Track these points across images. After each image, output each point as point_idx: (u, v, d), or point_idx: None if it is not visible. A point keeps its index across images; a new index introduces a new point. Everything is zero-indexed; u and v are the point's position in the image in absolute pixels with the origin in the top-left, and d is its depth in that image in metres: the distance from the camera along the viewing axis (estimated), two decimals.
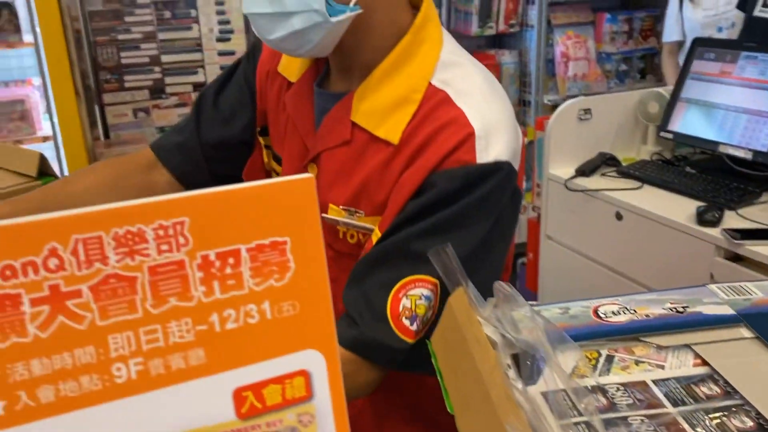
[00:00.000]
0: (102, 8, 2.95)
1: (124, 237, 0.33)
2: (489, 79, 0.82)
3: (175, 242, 0.34)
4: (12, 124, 2.71)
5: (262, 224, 0.35)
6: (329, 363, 0.38)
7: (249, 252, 0.35)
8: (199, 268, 0.34)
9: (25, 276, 0.31)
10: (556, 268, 2.10)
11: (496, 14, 3.06)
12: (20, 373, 0.31)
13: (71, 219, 0.32)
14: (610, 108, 2.06)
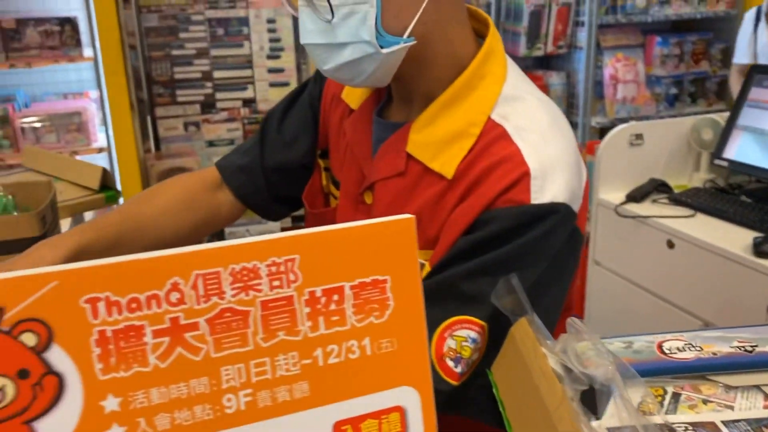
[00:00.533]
0: (158, 24, 3.06)
1: (240, 273, 0.34)
2: (552, 115, 0.79)
3: (286, 278, 0.35)
4: (69, 135, 2.82)
5: (364, 263, 0.36)
6: (423, 400, 0.38)
7: (352, 289, 0.36)
8: (307, 303, 0.36)
9: (149, 308, 0.33)
10: (604, 295, 2.06)
11: (544, 36, 3.05)
12: (140, 401, 0.33)
13: (193, 255, 0.33)
14: (662, 133, 2.03)
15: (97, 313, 0.32)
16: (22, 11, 2.88)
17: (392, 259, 0.37)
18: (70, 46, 2.77)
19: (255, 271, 0.34)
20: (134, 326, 0.32)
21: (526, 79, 0.83)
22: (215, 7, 3.09)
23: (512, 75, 0.81)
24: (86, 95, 3.03)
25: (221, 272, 0.34)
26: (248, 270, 0.34)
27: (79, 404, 0.32)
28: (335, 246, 0.36)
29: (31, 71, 2.90)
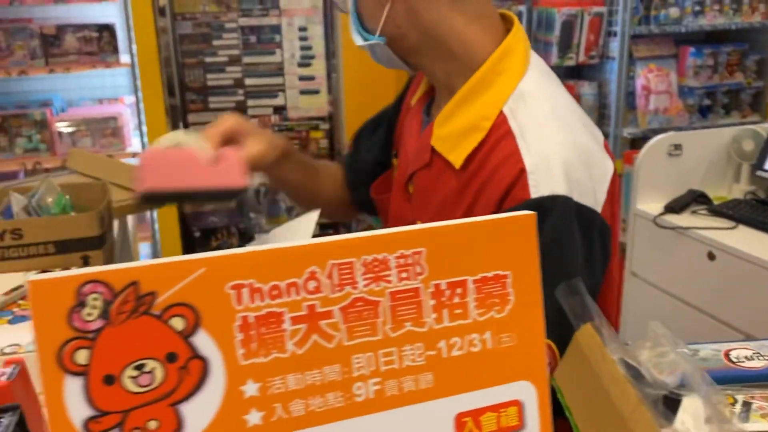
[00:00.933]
0: (192, 32, 3.11)
1: (372, 263, 0.35)
2: (561, 107, 0.82)
3: (413, 270, 0.36)
4: (104, 140, 2.86)
5: (487, 257, 0.37)
6: (540, 394, 0.39)
7: (475, 283, 0.37)
8: (432, 296, 0.36)
9: (288, 296, 0.34)
10: (641, 306, 2.04)
11: (576, 45, 3.05)
12: (277, 386, 0.34)
13: (329, 245, 0.34)
14: (702, 144, 2.01)
15: (241, 300, 0.33)
16: (62, 18, 2.94)
17: (513, 255, 0.37)
18: (108, 52, 2.82)
19: (385, 262, 0.35)
20: (275, 313, 0.33)
21: (549, 79, 0.85)
22: (248, 15, 3.14)
23: (533, 73, 0.82)
24: (121, 101, 3.08)
25: (354, 262, 0.34)
26: (379, 261, 0.35)
27: (221, 388, 0.32)
28: (459, 240, 0.36)
29: (68, 76, 2.96)
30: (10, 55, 2.71)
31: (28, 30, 2.73)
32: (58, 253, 1.09)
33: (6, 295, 0.98)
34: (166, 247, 2.92)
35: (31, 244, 1.08)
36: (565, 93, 0.86)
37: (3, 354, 0.83)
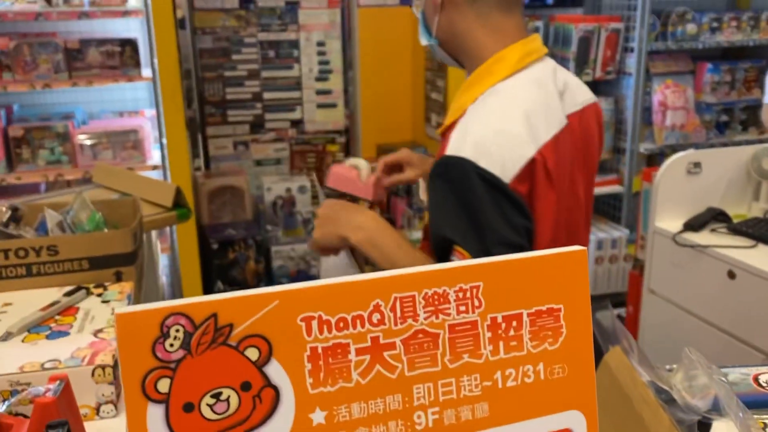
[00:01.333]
0: (212, 46, 3.16)
1: (432, 297, 0.36)
2: (515, 105, 1.01)
3: (471, 304, 0.37)
4: (125, 153, 2.91)
5: (540, 291, 0.38)
6: (589, 423, 0.40)
7: (529, 317, 0.38)
8: (488, 328, 0.38)
9: (353, 328, 0.35)
10: (660, 324, 2.04)
11: (593, 61, 3.06)
12: (343, 414, 0.35)
13: (392, 279, 0.36)
14: (721, 162, 2.01)
15: (311, 331, 0.34)
16: (85, 33, 3.00)
17: (565, 289, 0.39)
18: (130, 66, 2.87)
19: (445, 296, 0.36)
20: (341, 344, 0.35)
21: (529, 84, 1.03)
22: (267, 30, 3.18)
23: (516, 78, 1.03)
24: (142, 113, 3.13)
25: (416, 296, 0.36)
26: (439, 295, 0.36)
27: (291, 416, 0.34)
28: (515, 274, 0.38)
29: (90, 89, 3.01)
30: (35, 69, 2.77)
31: (52, 44, 2.78)
32: (92, 269, 1.12)
33: (43, 311, 1.00)
34: (184, 259, 2.95)
35: (66, 260, 1.10)
36: (537, 97, 1.02)
37: (43, 369, 0.85)
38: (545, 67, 1.06)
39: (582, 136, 1.09)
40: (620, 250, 3.08)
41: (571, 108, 1.07)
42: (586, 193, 1.13)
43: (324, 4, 3.19)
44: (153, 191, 1.61)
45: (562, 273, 0.39)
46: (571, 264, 0.39)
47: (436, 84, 3.12)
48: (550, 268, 0.39)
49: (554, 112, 1.02)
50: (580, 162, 1.09)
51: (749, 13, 3.09)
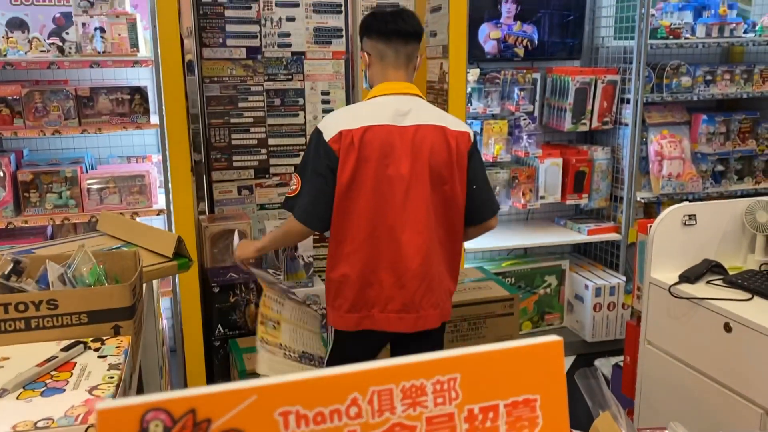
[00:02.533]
0: (219, 94, 3.24)
1: (410, 389, 0.38)
2: (350, 110, 2.02)
3: (449, 396, 0.39)
4: (131, 197, 2.95)
5: (517, 382, 0.40)
6: None
7: (506, 407, 0.40)
8: (465, 420, 0.39)
9: (331, 422, 0.37)
10: (657, 376, 2.03)
11: (590, 111, 3.13)
12: None
13: (371, 373, 0.38)
14: (716, 214, 2.04)
15: (288, 425, 0.36)
16: (96, 80, 3.09)
17: (542, 379, 0.41)
18: (139, 113, 2.94)
19: (422, 388, 0.38)
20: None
21: (365, 103, 1.92)
22: (273, 80, 3.27)
23: (361, 102, 2.03)
24: (149, 158, 3.19)
25: (393, 389, 0.38)
26: (416, 387, 0.38)
27: None
28: (492, 365, 0.40)
29: (99, 135, 3.08)
30: (45, 115, 2.84)
31: (63, 91, 2.86)
32: (90, 322, 1.14)
33: (39, 367, 1.02)
34: (185, 302, 2.96)
35: (65, 314, 1.13)
36: (363, 109, 1.88)
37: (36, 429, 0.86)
38: (396, 98, 1.84)
39: (413, 137, 1.79)
40: (618, 298, 3.08)
41: (410, 122, 1.79)
42: (412, 171, 1.77)
43: (329, 56, 3.28)
44: (155, 241, 1.64)
45: (538, 363, 0.41)
46: (547, 354, 0.41)
47: None
48: (527, 359, 0.41)
49: (375, 116, 1.79)
50: (408, 150, 1.78)
51: (742, 67, 3.17)
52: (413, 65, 1.91)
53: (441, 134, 1.79)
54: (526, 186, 3.21)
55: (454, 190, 1.81)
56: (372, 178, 1.75)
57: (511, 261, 3.36)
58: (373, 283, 1.79)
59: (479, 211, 1.90)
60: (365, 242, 1.78)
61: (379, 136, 1.75)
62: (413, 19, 1.91)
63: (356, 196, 1.76)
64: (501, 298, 2.67)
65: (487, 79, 3.15)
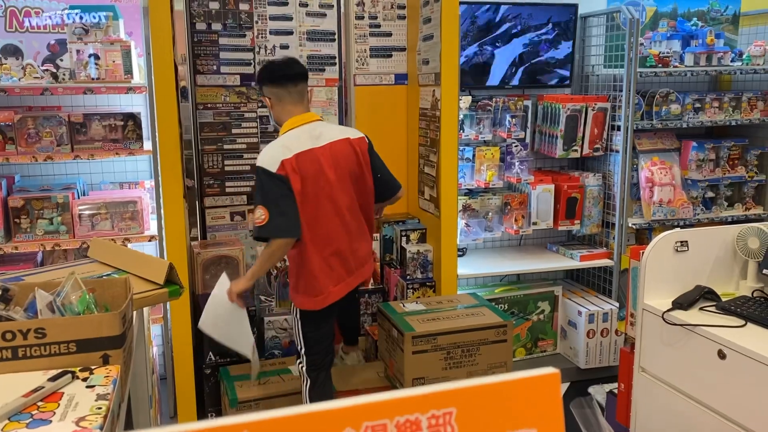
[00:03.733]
0: (212, 120, 3.25)
1: (404, 425, 0.38)
2: (279, 143, 2.33)
3: (444, 431, 0.38)
4: (123, 223, 2.94)
5: (514, 415, 0.40)
6: None
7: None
8: None
9: None
10: (651, 403, 2.02)
11: (581, 138, 3.16)
12: None
13: (364, 407, 0.37)
14: (708, 241, 2.05)
15: None
16: (89, 107, 3.09)
17: (539, 412, 0.40)
18: (132, 140, 2.94)
19: (417, 423, 0.38)
20: None
21: (287, 136, 2.36)
22: (266, 106, 3.29)
23: (286, 133, 2.38)
24: (141, 185, 3.18)
25: (388, 424, 0.37)
26: (411, 422, 0.38)
27: None
28: (488, 399, 0.39)
29: (91, 161, 3.08)
30: (38, 141, 2.84)
31: (56, 118, 2.86)
32: (79, 351, 1.12)
33: (25, 397, 1.00)
34: (176, 329, 2.93)
35: (54, 343, 1.11)
36: (288, 139, 2.33)
37: None
38: (307, 127, 2.37)
39: (330, 152, 2.34)
40: (611, 324, 3.07)
41: (325, 142, 2.34)
42: (337, 176, 2.35)
43: (322, 83, 3.31)
44: (146, 267, 1.63)
45: (535, 396, 0.40)
46: (544, 387, 0.41)
47: (429, 159, 3.20)
48: (523, 392, 0.40)
49: (300, 145, 2.29)
50: (330, 163, 2.33)
51: (730, 94, 3.22)
52: (306, 98, 2.48)
53: (348, 144, 2.42)
54: (519, 212, 3.22)
55: (366, 181, 2.47)
56: (313, 189, 2.30)
57: (504, 287, 3.36)
58: (329, 265, 2.37)
59: (387, 190, 2.61)
60: (319, 238, 2.33)
61: (309, 158, 2.30)
62: (297, 65, 2.51)
63: (306, 205, 2.28)
64: (494, 325, 2.66)
65: (479, 107, 3.18)
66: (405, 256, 3.20)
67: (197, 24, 3.17)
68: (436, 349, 2.64)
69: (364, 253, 2.52)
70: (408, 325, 2.64)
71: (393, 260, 3.40)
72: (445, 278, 3.11)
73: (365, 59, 3.35)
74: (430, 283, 3.18)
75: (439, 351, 2.64)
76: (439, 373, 2.62)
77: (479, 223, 3.21)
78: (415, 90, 3.30)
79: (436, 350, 2.64)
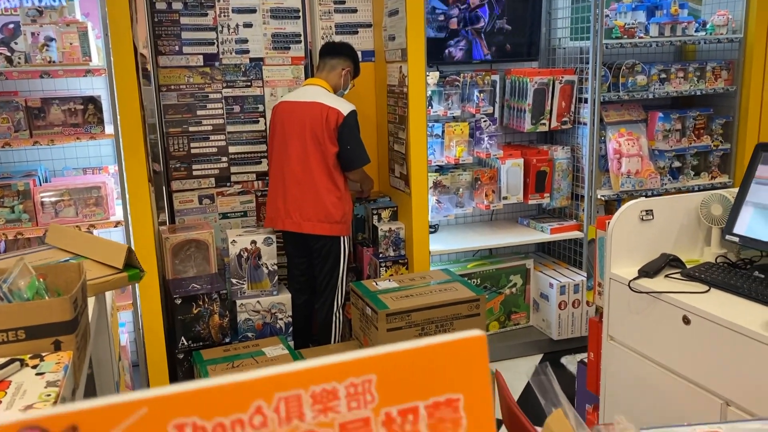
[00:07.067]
0: (176, 102, 3.18)
1: (320, 394, 0.36)
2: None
3: (363, 399, 0.37)
4: (87, 209, 2.87)
5: (438, 381, 0.38)
6: None
7: (426, 409, 0.38)
8: (383, 424, 0.37)
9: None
10: (620, 371, 2.05)
11: (548, 112, 3.15)
12: None
13: (275, 378, 0.36)
14: (672, 209, 2.07)
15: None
16: (47, 91, 3.00)
17: (465, 377, 0.39)
18: (92, 123, 2.86)
19: (334, 392, 0.36)
20: None
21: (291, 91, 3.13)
22: (232, 86, 3.22)
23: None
24: (105, 170, 3.10)
25: (302, 394, 0.36)
26: (328, 392, 0.36)
27: None
28: (410, 364, 0.38)
29: (53, 147, 2.99)
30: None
31: (13, 103, 2.77)
32: (28, 338, 1.08)
33: None
34: (147, 315, 2.89)
35: (1, 331, 1.07)
36: (291, 92, 3.06)
37: None
38: (303, 87, 2.96)
39: (302, 108, 2.84)
40: (582, 295, 3.11)
41: (302, 98, 2.86)
42: (297, 129, 2.85)
43: (288, 62, 3.25)
44: (105, 252, 1.59)
45: (460, 361, 0.39)
46: (470, 350, 0.39)
47: (398, 136, 3.17)
48: (448, 356, 0.39)
49: (286, 96, 2.96)
50: (294, 117, 2.86)
51: (695, 64, 3.24)
52: (325, 70, 2.96)
53: (318, 108, 2.80)
54: (489, 187, 3.22)
55: (327, 147, 2.82)
56: (274, 130, 2.95)
57: (476, 262, 3.37)
58: (273, 197, 2.98)
59: (346, 164, 2.88)
60: (272, 171, 3.00)
61: (282, 107, 2.92)
62: (336, 44, 3.03)
63: (271, 141, 3.03)
64: (467, 299, 2.67)
65: (447, 82, 3.15)
66: (377, 235, 3.19)
67: (157, 3, 3.08)
68: (411, 325, 2.65)
69: (309, 205, 2.87)
70: (381, 302, 2.64)
71: (365, 239, 3.38)
72: (417, 255, 3.11)
73: (331, 36, 3.30)
74: (402, 260, 3.18)
75: (413, 327, 2.65)
76: None
77: (450, 200, 3.21)
78: (382, 67, 3.26)
79: (410, 326, 2.65)
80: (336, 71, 2.94)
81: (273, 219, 2.99)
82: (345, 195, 2.93)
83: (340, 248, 2.96)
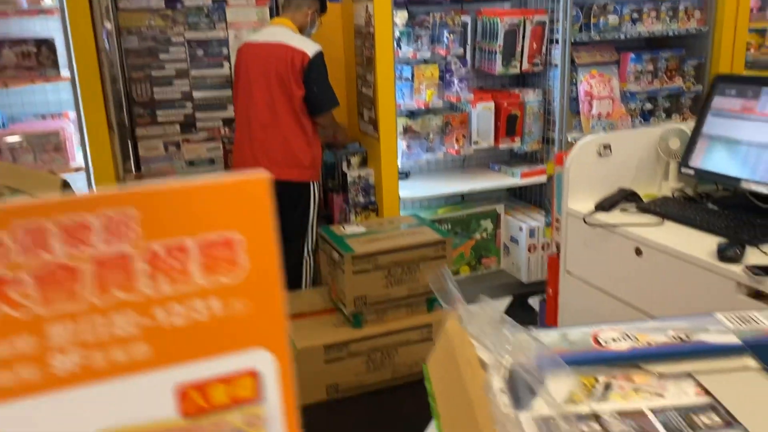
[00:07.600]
0: (138, 46, 3.08)
1: (70, 227, 0.33)
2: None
3: (121, 233, 0.34)
4: (47, 155, 2.81)
5: (213, 220, 0.35)
6: (281, 365, 0.37)
7: (200, 248, 0.35)
8: (147, 261, 0.34)
9: None
10: (576, 304, 2.05)
11: (519, 54, 3.08)
12: None
13: (19, 208, 0.32)
14: (631, 144, 2.04)
15: None
16: None
17: (246, 219, 0.36)
18: (47, 67, 2.78)
19: (86, 225, 0.33)
20: None
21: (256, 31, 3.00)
22: (195, 29, 3.12)
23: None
24: (65, 116, 3.03)
25: (47, 225, 0.33)
26: (78, 224, 0.33)
27: None
28: (181, 203, 0.35)
29: (9, 92, 2.91)
30: None
31: None
32: None
33: None
34: None
35: None
36: (255, 32, 2.92)
37: None
38: (267, 28, 2.87)
39: (266, 50, 2.75)
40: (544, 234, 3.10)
41: (267, 39, 2.78)
42: (262, 71, 2.76)
43: (252, 2, 3.15)
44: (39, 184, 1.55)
45: (239, 203, 0.36)
46: (251, 193, 0.36)
47: (366, 79, 3.10)
48: (224, 197, 0.36)
49: (250, 37, 2.86)
50: (262, 60, 2.76)
51: (668, 4, 3.15)
52: (289, 10, 2.87)
53: (282, 49, 2.73)
54: (459, 132, 3.17)
55: (293, 89, 2.74)
56: (239, 72, 2.88)
57: (447, 208, 3.35)
58: (240, 140, 2.93)
59: (312, 107, 2.78)
60: (237, 115, 2.95)
61: (246, 48, 2.85)
62: None
63: (236, 83, 2.99)
64: (433, 242, 2.66)
65: (415, 23, 3.07)
66: (347, 181, 3.15)
67: None
68: (377, 268, 2.64)
69: (277, 150, 2.81)
70: (348, 246, 2.62)
71: (335, 185, 3.35)
72: (387, 201, 3.08)
73: None
74: (372, 206, 3.15)
75: (379, 270, 2.64)
76: (380, 291, 2.63)
77: (420, 145, 3.16)
78: (348, 6, 3.16)
79: (377, 269, 2.64)
80: (302, 10, 2.84)
81: (240, 165, 2.90)
82: (313, 140, 2.85)
83: (310, 194, 2.92)
